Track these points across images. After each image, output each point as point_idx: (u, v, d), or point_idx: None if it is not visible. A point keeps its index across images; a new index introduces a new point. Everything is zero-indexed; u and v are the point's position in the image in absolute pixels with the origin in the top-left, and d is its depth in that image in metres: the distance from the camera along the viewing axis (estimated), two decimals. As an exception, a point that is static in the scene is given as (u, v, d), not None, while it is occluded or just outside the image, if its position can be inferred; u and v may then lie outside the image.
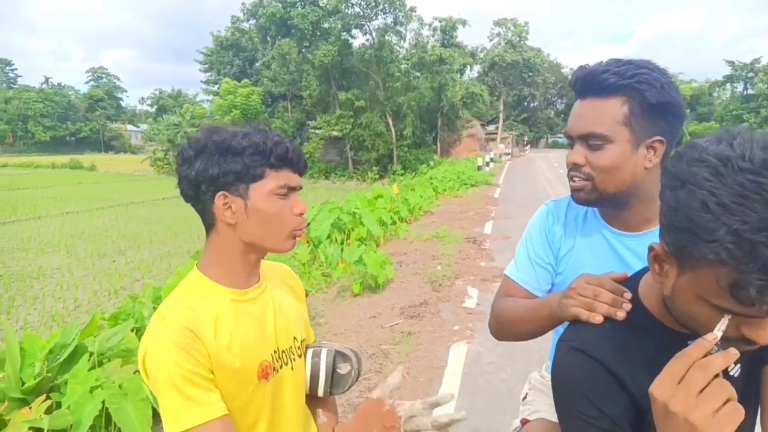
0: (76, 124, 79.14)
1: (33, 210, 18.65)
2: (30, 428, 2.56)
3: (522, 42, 46.76)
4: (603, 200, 1.18)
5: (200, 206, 1.14)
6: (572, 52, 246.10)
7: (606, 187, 1.15)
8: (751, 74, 49.83)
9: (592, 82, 1.13)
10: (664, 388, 0.71)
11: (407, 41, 33.41)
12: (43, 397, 2.74)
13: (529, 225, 1.40)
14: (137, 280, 8.93)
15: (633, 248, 1.19)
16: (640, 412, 0.89)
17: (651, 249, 0.82)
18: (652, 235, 1.17)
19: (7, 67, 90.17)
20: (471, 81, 40.77)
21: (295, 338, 1.27)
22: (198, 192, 1.11)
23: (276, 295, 1.26)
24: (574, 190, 1.20)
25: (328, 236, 8.59)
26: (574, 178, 1.19)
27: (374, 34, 32.08)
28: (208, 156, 1.09)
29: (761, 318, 0.71)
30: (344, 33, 31.39)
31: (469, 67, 39.53)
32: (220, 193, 1.09)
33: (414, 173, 26.47)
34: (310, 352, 1.32)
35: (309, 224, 8.64)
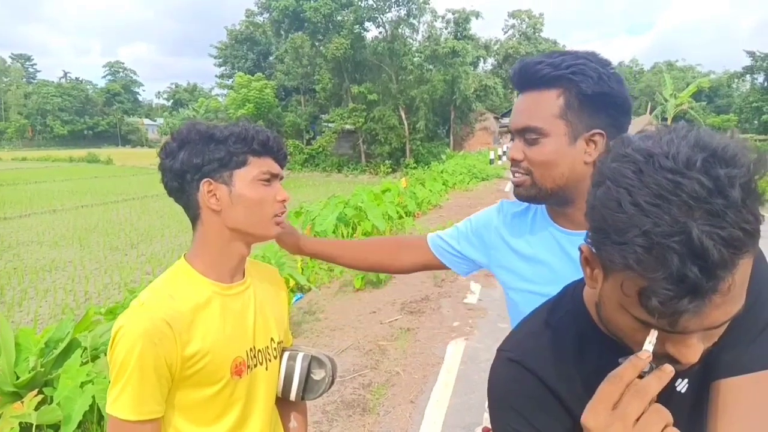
0: (94, 118, 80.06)
1: (49, 203, 18.93)
2: (20, 423, 2.62)
3: (537, 34, 46.34)
4: (543, 196, 1.15)
5: (185, 198, 1.17)
6: (589, 44, 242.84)
7: (544, 181, 1.11)
8: (772, 65, 48.77)
9: (527, 75, 1.10)
10: (598, 417, 0.65)
11: (420, 34, 33.27)
12: (35, 391, 2.79)
13: (479, 214, 1.41)
14: (147, 274, 9.03)
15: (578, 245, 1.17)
16: (578, 427, 0.87)
17: (580, 250, 0.77)
18: None
19: (27, 63, 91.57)
20: (485, 74, 40.48)
21: (272, 339, 1.28)
22: (183, 182, 1.14)
23: (258, 295, 1.28)
24: (515, 186, 1.18)
25: (334, 230, 8.60)
26: (515, 174, 1.17)
27: (387, 26, 31.94)
28: (192, 146, 1.13)
29: (682, 335, 0.66)
30: (357, 26, 31.28)
31: (482, 59, 39.29)
32: (205, 180, 1.13)
33: (426, 167, 26.39)
34: (286, 355, 1.33)
35: (314, 219, 8.67)
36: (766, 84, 48.63)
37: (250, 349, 1.21)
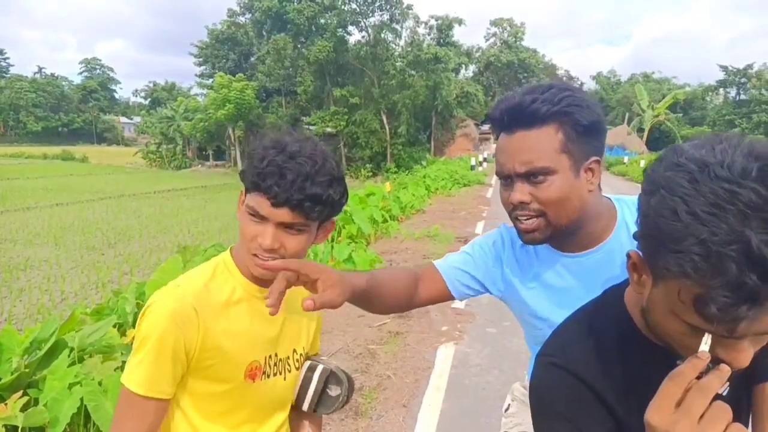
0: (69, 115, 78.57)
1: (23, 201, 18.47)
2: (5, 426, 2.51)
3: (518, 42, 46.82)
4: (558, 234, 1.13)
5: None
6: (568, 53, 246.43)
7: (559, 220, 1.10)
8: (743, 80, 50.14)
9: (522, 115, 1.07)
10: (663, 414, 0.66)
11: (403, 39, 33.43)
12: (20, 393, 2.68)
13: (480, 240, 1.36)
14: (125, 274, 8.84)
15: (589, 266, 1.17)
16: (620, 427, 0.86)
17: (629, 256, 0.78)
18: (609, 245, 1.15)
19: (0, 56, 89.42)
20: (466, 80, 40.76)
21: (295, 350, 1.28)
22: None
23: (290, 304, 1.22)
24: (525, 232, 1.13)
25: (319, 233, 8.54)
26: (521, 218, 1.12)
27: (370, 31, 32.03)
28: (250, 154, 1.11)
29: (736, 340, 0.67)
30: (340, 29, 31.33)
31: (464, 66, 39.63)
32: (243, 189, 1.13)
33: (407, 171, 26.45)
34: (306, 364, 1.32)
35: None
36: (738, 98, 49.94)
37: (270, 356, 1.21)
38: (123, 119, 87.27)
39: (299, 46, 32.94)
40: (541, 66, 48.89)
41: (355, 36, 33.40)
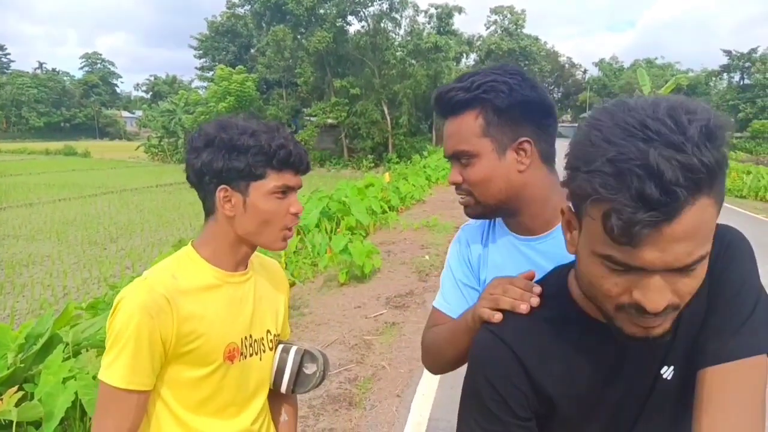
0: (71, 110, 78.59)
1: (25, 197, 18.56)
2: (1, 420, 2.56)
3: (519, 30, 46.57)
4: (490, 212, 1.19)
5: (202, 194, 1.21)
6: (571, 40, 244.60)
7: (485, 199, 1.15)
8: (747, 64, 49.73)
9: (443, 103, 1.14)
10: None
11: (402, 28, 33.16)
12: (15, 388, 2.72)
13: (448, 254, 1.37)
14: (127, 268, 8.90)
15: (543, 250, 1.17)
16: (551, 405, 0.89)
17: (562, 212, 0.83)
18: (557, 233, 1.14)
19: (0, 52, 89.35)
20: (467, 69, 40.49)
21: (268, 331, 1.32)
22: (201, 182, 1.18)
23: (259, 286, 1.31)
24: (464, 207, 1.21)
25: (317, 225, 8.57)
26: (459, 196, 1.20)
27: (369, 20, 31.82)
28: (215, 150, 1.15)
29: (647, 273, 0.69)
30: (339, 19, 31.09)
31: (465, 55, 39.37)
32: (222, 186, 1.15)
33: (409, 161, 26.40)
34: (280, 347, 1.35)
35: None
36: (742, 83, 49.53)
37: (246, 338, 1.25)
38: (125, 113, 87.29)
39: (299, 37, 32.72)
40: (543, 53, 48.71)
41: (354, 26, 33.20)
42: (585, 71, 66.91)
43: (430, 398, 3.81)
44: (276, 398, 1.41)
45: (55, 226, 13.07)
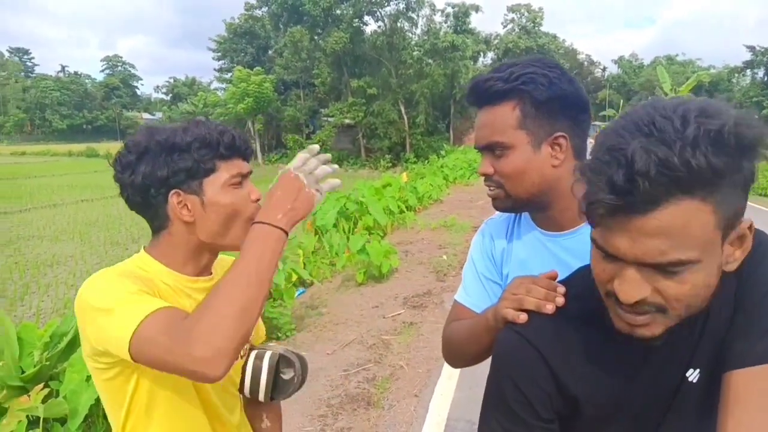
0: (93, 113, 79.86)
1: (49, 198, 18.93)
2: (27, 416, 2.62)
3: (536, 28, 46.18)
4: (520, 205, 1.18)
5: (151, 211, 1.10)
6: (589, 38, 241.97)
7: (517, 192, 1.14)
8: (772, 59, 48.71)
9: (480, 92, 1.13)
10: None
11: (419, 28, 33.20)
12: (42, 385, 2.78)
13: (471, 247, 1.37)
14: (147, 269, 9.02)
15: (569, 247, 1.16)
16: (575, 406, 0.88)
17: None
18: (585, 230, 1.10)
19: (25, 56, 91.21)
20: (485, 68, 40.35)
21: None
22: (147, 197, 1.08)
23: None
24: (492, 199, 1.20)
25: (335, 225, 8.60)
26: (488, 187, 1.19)
27: (386, 20, 31.85)
28: (153, 157, 1.06)
29: (624, 268, 0.71)
30: (356, 20, 31.18)
31: (482, 54, 39.22)
32: (173, 192, 1.07)
33: (427, 161, 26.35)
34: (253, 354, 1.26)
35: (315, 214, 8.68)
36: (766, 78, 48.56)
37: None
38: (145, 115, 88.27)
39: (316, 37, 32.89)
40: (561, 51, 48.21)
41: (371, 26, 33.26)
42: (604, 69, 66.18)
43: (449, 398, 3.80)
44: (256, 405, 1.34)
45: (78, 226, 13.31)
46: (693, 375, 0.86)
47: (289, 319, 5.03)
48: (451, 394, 3.84)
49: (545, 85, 1.07)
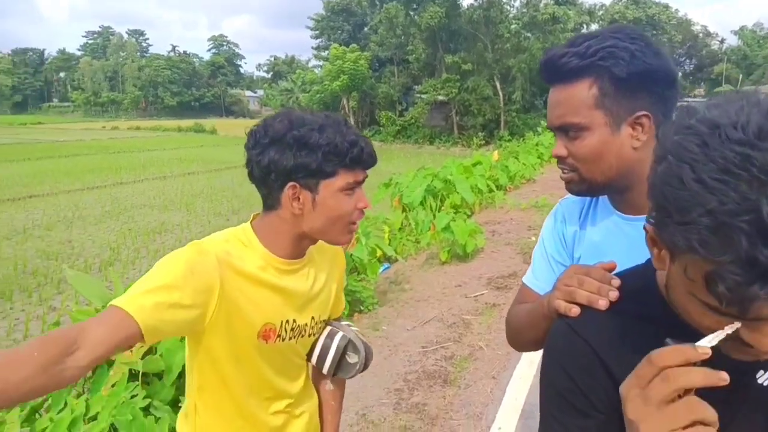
0: (200, 90, 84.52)
1: (159, 170, 20.40)
2: (130, 370, 2.88)
3: (647, -4, 43.08)
4: (596, 189, 1.10)
5: (266, 190, 1.18)
6: (707, 7, 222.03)
7: (593, 176, 1.06)
8: None
9: (553, 69, 1.04)
10: (629, 389, 0.66)
11: (518, 0, 32.00)
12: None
13: (543, 228, 1.31)
14: (245, 239, 9.54)
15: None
16: None
17: (645, 230, 0.73)
18: None
19: (141, 38, 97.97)
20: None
21: (313, 317, 1.32)
22: (267, 179, 1.15)
23: (312, 274, 1.30)
24: (565, 182, 1.12)
25: (422, 202, 8.61)
26: (562, 170, 1.11)
27: (484, -7, 31.01)
28: (284, 147, 1.12)
29: (759, 321, 0.61)
30: (452, -7, 30.64)
31: (585, 26, 37.19)
32: (291, 183, 1.14)
33: (522, 139, 25.60)
34: (326, 331, 1.37)
35: (403, 191, 8.75)
36: None
37: (288, 321, 1.24)
38: (248, 93, 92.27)
39: (411, 13, 32.71)
40: (674, 22, 44.74)
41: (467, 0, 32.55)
42: (722, 41, 60.62)
43: (528, 382, 3.73)
44: (321, 373, 1.43)
45: (185, 198, 14.27)
46: (763, 377, 0.79)
47: (372, 293, 5.13)
48: (531, 379, 3.77)
49: (626, 59, 0.97)
